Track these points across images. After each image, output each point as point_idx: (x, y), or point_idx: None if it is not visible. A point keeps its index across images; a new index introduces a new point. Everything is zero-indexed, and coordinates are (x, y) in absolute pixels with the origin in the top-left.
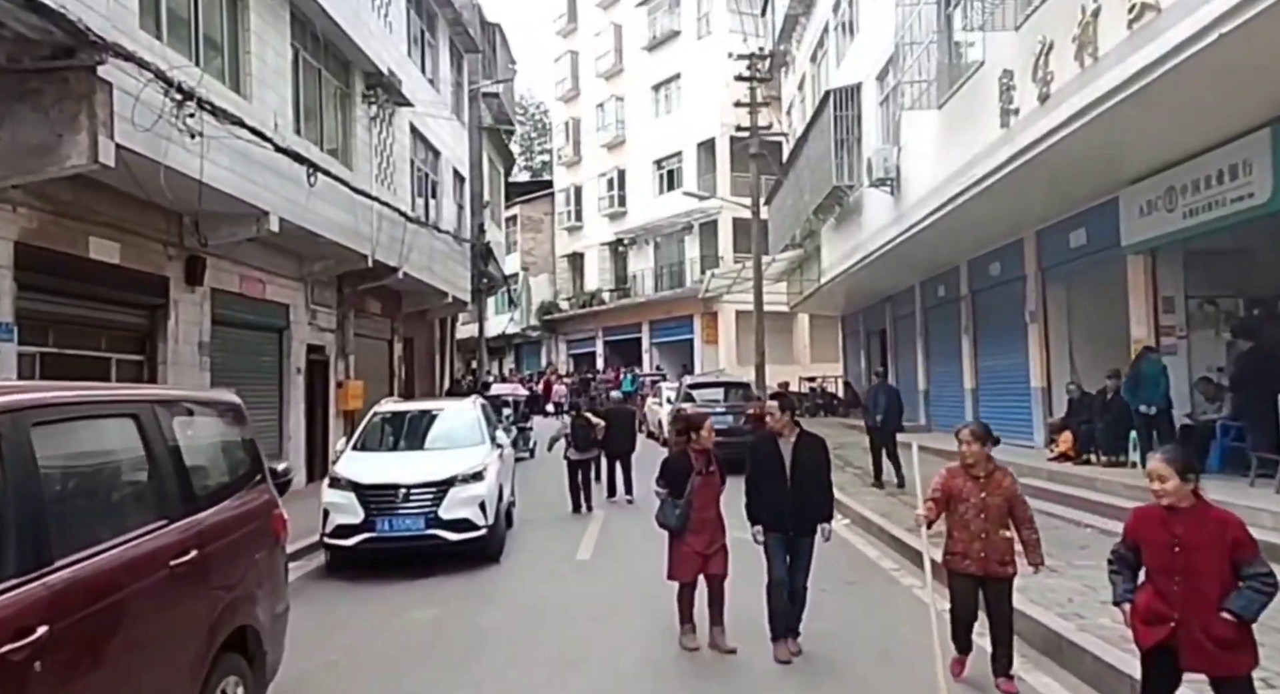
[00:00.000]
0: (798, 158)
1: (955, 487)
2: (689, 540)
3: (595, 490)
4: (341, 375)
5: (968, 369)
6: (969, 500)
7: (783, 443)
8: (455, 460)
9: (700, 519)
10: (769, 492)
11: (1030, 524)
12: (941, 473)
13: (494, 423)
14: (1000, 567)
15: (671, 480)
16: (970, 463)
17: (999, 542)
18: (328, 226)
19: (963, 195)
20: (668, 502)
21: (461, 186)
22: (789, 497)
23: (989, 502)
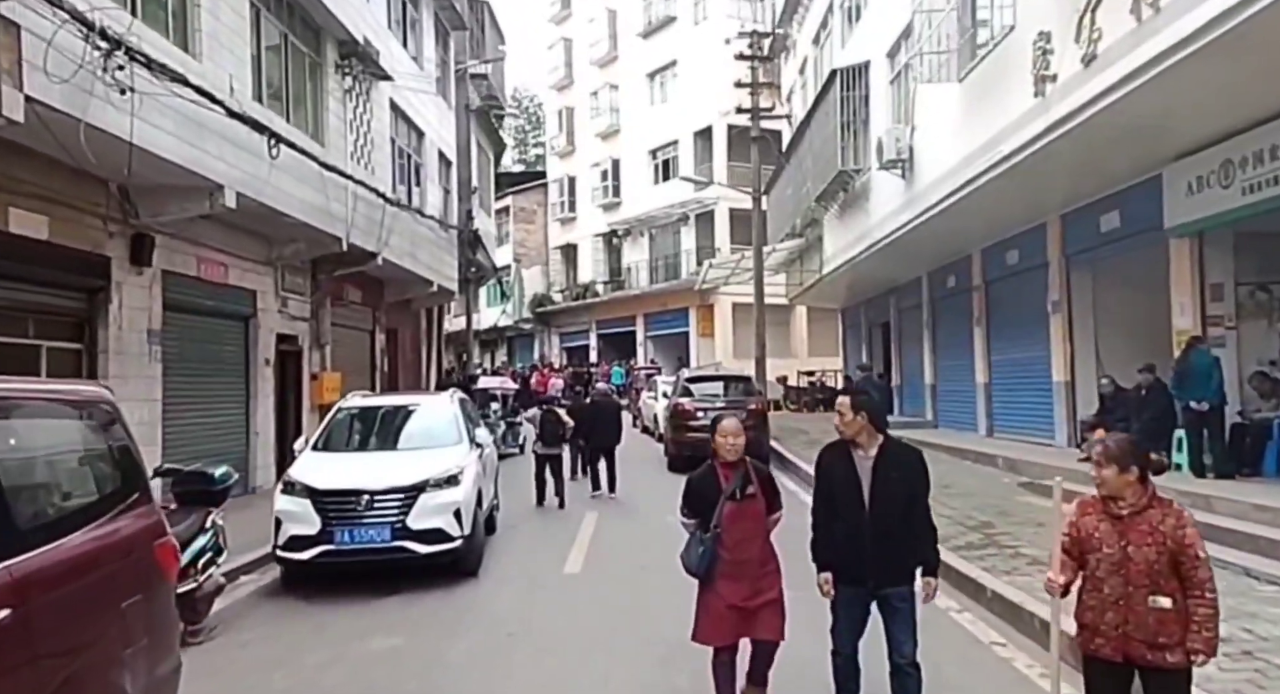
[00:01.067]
0: (800, 143)
1: (1087, 527)
2: (720, 590)
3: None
4: (316, 367)
5: (980, 363)
6: (1102, 549)
7: (859, 456)
8: (428, 462)
9: (735, 561)
10: (842, 526)
11: (1203, 591)
12: (1073, 507)
13: (475, 419)
14: (1153, 651)
15: (695, 506)
16: (1101, 494)
17: (1149, 612)
18: (295, 205)
19: (984, 175)
20: (694, 536)
21: (448, 171)
22: (869, 533)
23: (1133, 554)
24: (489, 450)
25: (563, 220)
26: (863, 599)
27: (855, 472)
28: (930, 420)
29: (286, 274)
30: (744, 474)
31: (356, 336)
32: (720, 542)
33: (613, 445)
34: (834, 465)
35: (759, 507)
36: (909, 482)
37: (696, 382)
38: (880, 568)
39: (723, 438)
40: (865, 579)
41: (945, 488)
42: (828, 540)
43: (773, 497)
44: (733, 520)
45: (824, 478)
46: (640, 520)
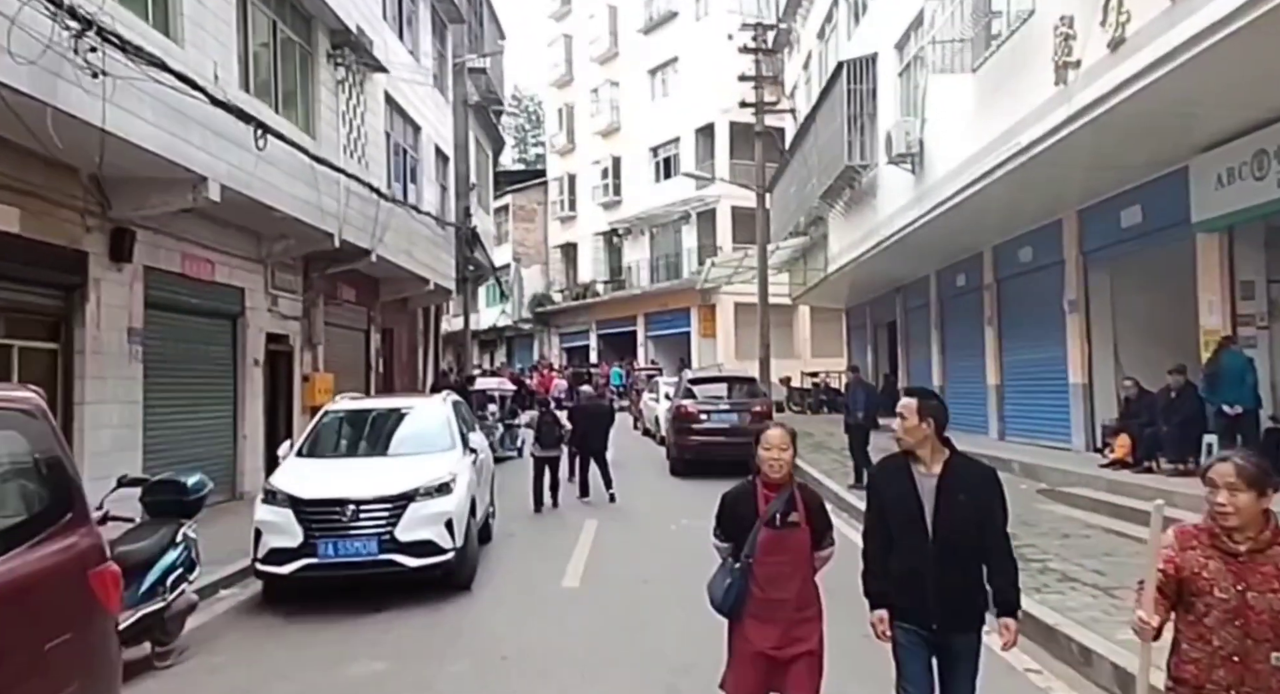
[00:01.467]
0: (804, 139)
1: (1191, 565)
2: (748, 632)
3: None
4: (308, 368)
5: (991, 364)
6: (1213, 593)
7: (920, 473)
8: (418, 469)
9: (767, 600)
10: (901, 555)
11: None
12: (1170, 535)
13: (470, 423)
14: None
15: (729, 530)
16: (1230, 525)
17: (1271, 673)
18: (283, 199)
19: (999, 169)
20: (724, 565)
21: (445, 167)
22: (933, 567)
23: (1254, 601)
24: (484, 456)
25: (563, 219)
26: (925, 643)
27: (916, 492)
28: None
29: (277, 271)
30: (789, 497)
31: (351, 336)
32: (751, 574)
33: (601, 449)
34: (890, 484)
35: (802, 538)
36: (981, 505)
37: (699, 383)
38: (946, 609)
39: (765, 450)
40: (929, 622)
41: None
42: (883, 572)
43: (822, 528)
44: (768, 551)
45: (877, 497)
46: (642, 529)
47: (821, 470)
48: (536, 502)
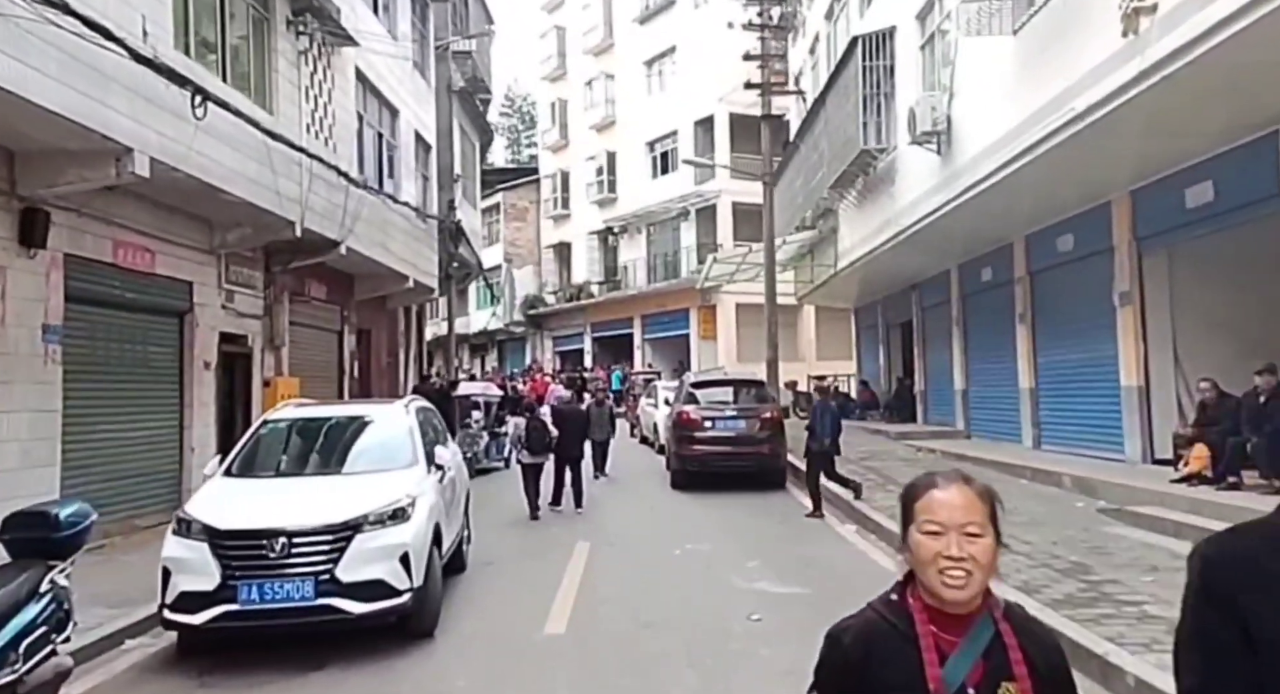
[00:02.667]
0: (813, 125)
1: None
2: None
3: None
4: (270, 371)
5: (1024, 365)
6: None
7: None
8: (369, 491)
9: None
10: None
11: None
12: None
13: (440, 434)
14: None
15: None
16: None
17: None
18: (232, 180)
19: (1045, 143)
20: None
21: (427, 156)
22: None
23: None
24: (455, 472)
25: (556, 217)
26: None
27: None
28: (961, 430)
29: (232, 264)
30: (989, 642)
31: (321, 338)
32: None
33: (578, 457)
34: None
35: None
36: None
37: (703, 387)
38: None
39: (932, 534)
40: None
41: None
42: None
43: None
44: None
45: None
46: (640, 554)
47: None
48: (533, 509)
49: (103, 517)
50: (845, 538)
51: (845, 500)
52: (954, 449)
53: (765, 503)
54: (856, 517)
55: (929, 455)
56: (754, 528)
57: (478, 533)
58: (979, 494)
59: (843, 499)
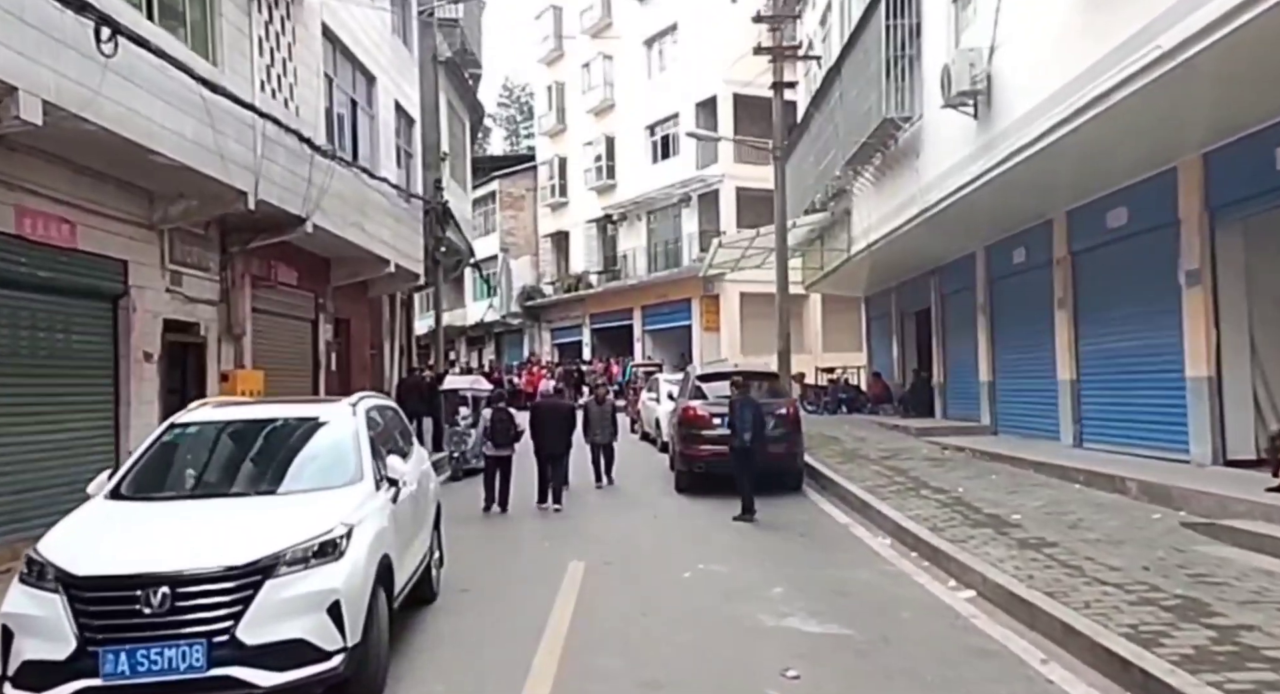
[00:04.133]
0: (826, 98)
1: None
2: None
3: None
4: (228, 364)
5: (1063, 355)
6: None
7: None
8: (292, 519)
9: None
10: None
11: None
12: None
13: (403, 440)
14: None
15: None
16: None
17: None
18: (159, 136)
19: (1117, 92)
20: None
21: (411, 130)
22: None
23: None
24: (417, 487)
25: (553, 206)
26: None
27: None
28: (988, 426)
29: (178, 242)
30: None
31: (292, 327)
32: None
33: (561, 453)
34: None
35: None
36: None
37: (710, 380)
38: None
39: None
40: None
41: (1073, 528)
42: None
43: None
44: None
45: None
46: (645, 576)
47: (867, 487)
48: (486, 503)
49: (11, 535)
50: (880, 554)
51: (876, 508)
52: (984, 447)
53: (782, 510)
54: (891, 528)
55: (957, 454)
56: (773, 542)
57: (458, 546)
58: None
59: (872, 507)
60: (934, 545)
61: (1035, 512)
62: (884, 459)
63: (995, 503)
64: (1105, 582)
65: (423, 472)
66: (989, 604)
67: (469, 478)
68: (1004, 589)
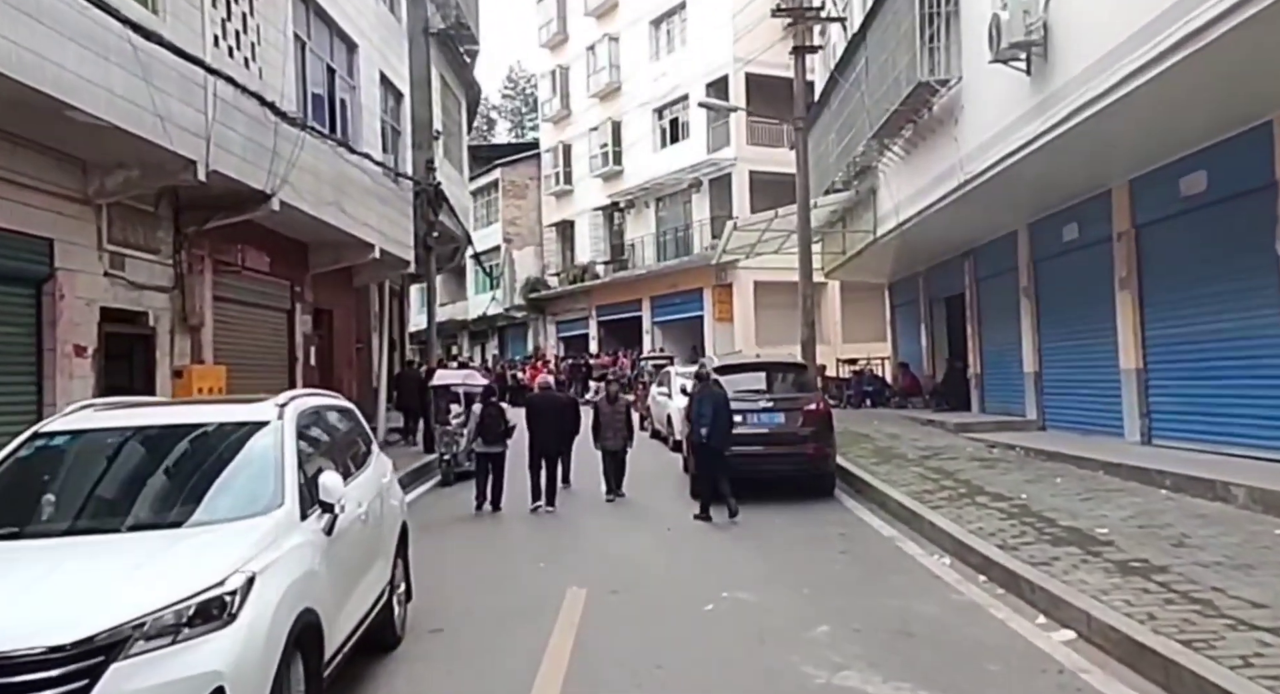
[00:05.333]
0: (850, 66)
1: None
2: None
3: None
4: (183, 359)
5: (1127, 341)
6: None
7: None
8: (163, 568)
9: None
10: None
11: None
12: None
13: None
14: None
15: None
16: None
17: None
18: (77, 89)
19: (1215, 27)
20: None
21: (399, 106)
22: None
23: None
24: (369, 508)
25: (558, 194)
26: None
27: None
28: (1033, 420)
29: (120, 218)
30: None
31: (264, 318)
32: None
33: (559, 452)
34: None
35: None
36: None
37: (728, 373)
38: None
39: None
40: None
41: (1180, 547)
42: None
43: None
44: None
45: None
46: (656, 612)
47: (911, 492)
48: (478, 502)
49: None
50: (941, 578)
51: (927, 519)
52: (1037, 444)
53: (814, 519)
54: (949, 544)
55: (1008, 453)
56: (809, 561)
57: (437, 567)
58: None
59: (922, 517)
60: (1010, 569)
61: (1125, 525)
62: (924, 459)
63: (1070, 513)
64: (1253, 624)
65: (381, 488)
66: (1098, 651)
67: (462, 482)
68: (1119, 634)
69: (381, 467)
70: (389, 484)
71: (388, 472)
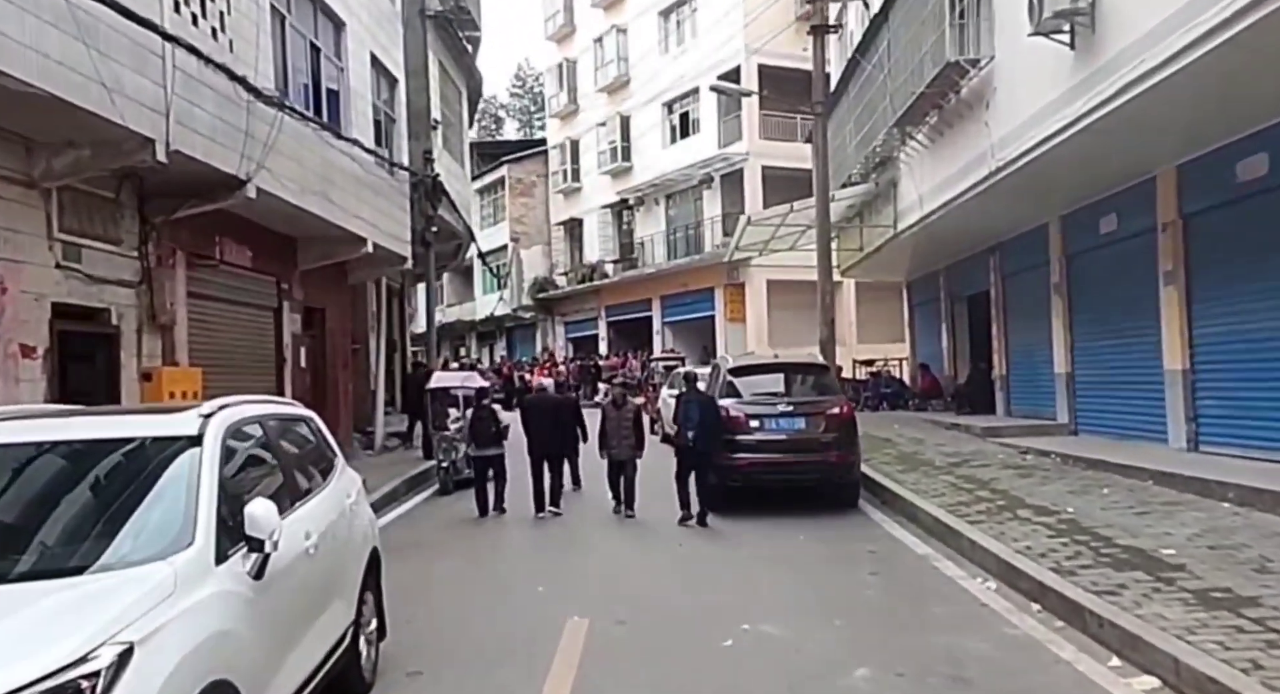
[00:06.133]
0: (871, 50)
1: None
2: None
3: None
4: (153, 360)
5: (1172, 341)
6: None
7: None
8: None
9: None
10: None
11: None
12: None
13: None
14: None
15: None
16: None
17: None
18: (6, 52)
19: None
20: None
21: (393, 92)
22: None
23: None
24: (322, 540)
25: (565, 192)
26: None
27: None
28: (1064, 424)
29: (73, 205)
30: None
31: (247, 317)
32: None
33: (559, 454)
34: None
35: None
36: None
37: (746, 374)
38: None
39: None
40: None
41: (1264, 573)
42: None
43: None
44: None
45: None
46: (671, 644)
47: (944, 504)
48: (480, 509)
49: None
50: (989, 606)
51: (966, 536)
52: (1073, 451)
53: (839, 534)
54: (994, 565)
55: (1042, 460)
56: (838, 584)
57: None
58: None
59: (960, 534)
60: (1069, 598)
61: (1193, 545)
62: (954, 466)
63: (1127, 530)
64: None
65: (344, 510)
66: None
67: (461, 490)
68: (1220, 687)
69: (345, 485)
70: (355, 505)
71: (353, 490)
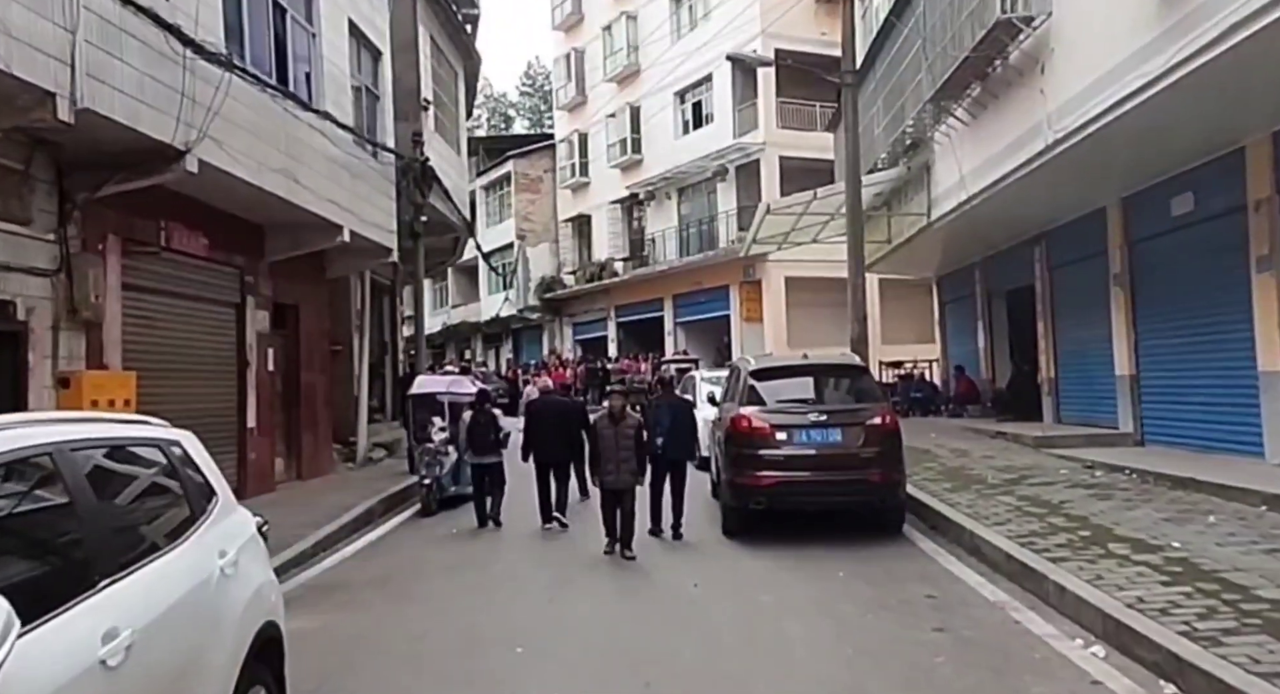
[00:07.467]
0: (903, 17)
1: None
2: None
3: None
4: (71, 362)
5: (1265, 338)
6: None
7: None
8: None
9: None
10: None
11: None
12: None
13: (114, 532)
14: None
15: None
16: None
17: None
18: None
19: None
20: None
21: (376, 65)
22: None
23: None
24: (159, 632)
25: (573, 187)
26: None
27: None
28: (1129, 433)
29: None
30: None
31: (202, 313)
32: None
33: (562, 460)
34: None
35: None
36: None
37: (769, 378)
38: None
39: None
40: None
41: None
42: None
43: None
44: None
45: None
46: None
47: (1014, 535)
48: (480, 518)
49: None
50: (1105, 684)
51: (1053, 580)
52: (1153, 466)
53: (886, 571)
54: (1099, 624)
55: (1115, 475)
56: (897, 647)
57: (367, 659)
58: None
59: (1043, 577)
60: (1228, 684)
61: None
62: (1011, 484)
63: (1267, 576)
64: None
65: (204, 583)
66: None
67: (446, 510)
68: None
69: (220, 539)
70: (235, 565)
71: (235, 544)
